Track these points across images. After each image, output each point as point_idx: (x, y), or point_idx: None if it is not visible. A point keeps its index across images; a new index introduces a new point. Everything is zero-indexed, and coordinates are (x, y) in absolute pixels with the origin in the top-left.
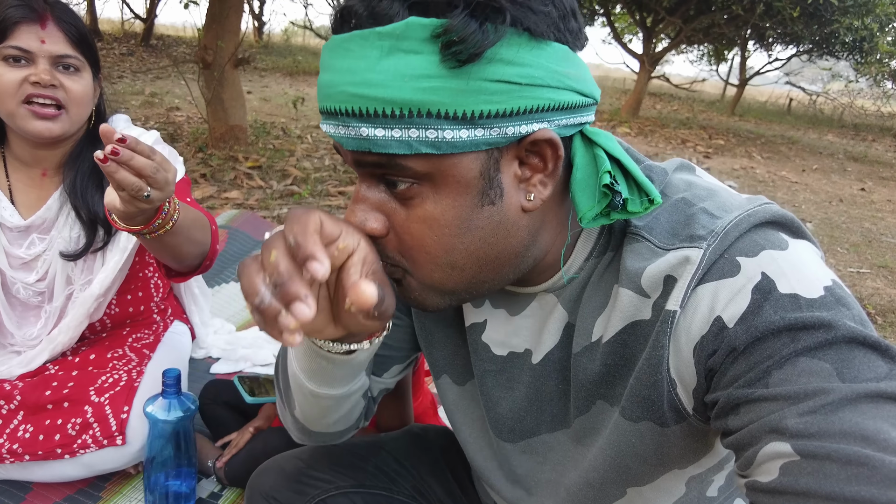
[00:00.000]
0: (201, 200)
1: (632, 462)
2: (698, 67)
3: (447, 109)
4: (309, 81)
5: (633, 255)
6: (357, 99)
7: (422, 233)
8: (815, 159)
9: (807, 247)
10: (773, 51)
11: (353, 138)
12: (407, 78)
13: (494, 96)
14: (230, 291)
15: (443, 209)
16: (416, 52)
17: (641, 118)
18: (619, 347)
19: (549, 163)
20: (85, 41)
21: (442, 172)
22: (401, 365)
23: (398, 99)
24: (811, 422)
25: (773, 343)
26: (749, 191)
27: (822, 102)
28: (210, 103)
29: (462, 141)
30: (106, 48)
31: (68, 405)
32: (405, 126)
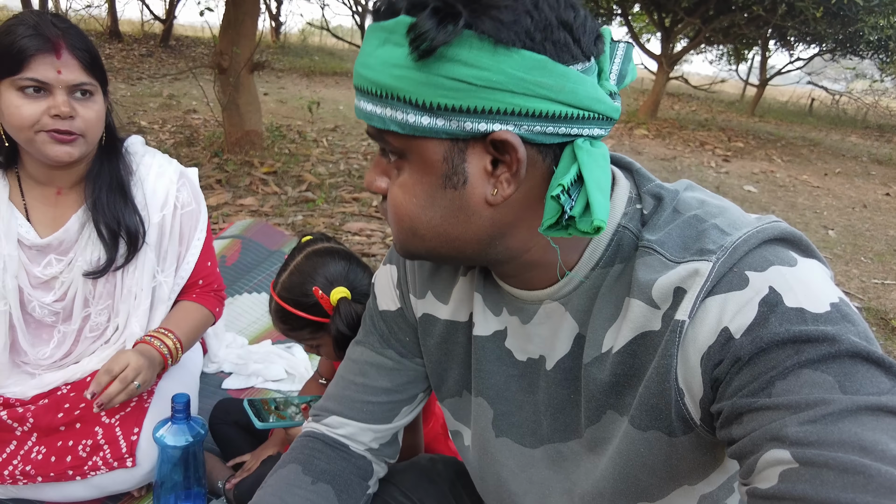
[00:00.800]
0: (216, 207)
1: (641, 473)
2: (717, 67)
3: (411, 97)
4: (325, 82)
5: (645, 267)
6: (359, 77)
7: (398, 196)
8: (837, 162)
9: (816, 265)
10: (794, 50)
11: (357, 108)
12: (387, 65)
13: (450, 92)
14: (243, 303)
15: (413, 182)
16: (399, 44)
17: (659, 119)
18: (628, 358)
19: (513, 164)
20: (97, 64)
21: (411, 150)
22: (410, 405)
23: (379, 81)
24: (811, 430)
25: (777, 354)
26: (769, 195)
27: (845, 102)
28: (226, 108)
29: (423, 126)
30: (126, 49)
31: (80, 426)
32: (383, 105)
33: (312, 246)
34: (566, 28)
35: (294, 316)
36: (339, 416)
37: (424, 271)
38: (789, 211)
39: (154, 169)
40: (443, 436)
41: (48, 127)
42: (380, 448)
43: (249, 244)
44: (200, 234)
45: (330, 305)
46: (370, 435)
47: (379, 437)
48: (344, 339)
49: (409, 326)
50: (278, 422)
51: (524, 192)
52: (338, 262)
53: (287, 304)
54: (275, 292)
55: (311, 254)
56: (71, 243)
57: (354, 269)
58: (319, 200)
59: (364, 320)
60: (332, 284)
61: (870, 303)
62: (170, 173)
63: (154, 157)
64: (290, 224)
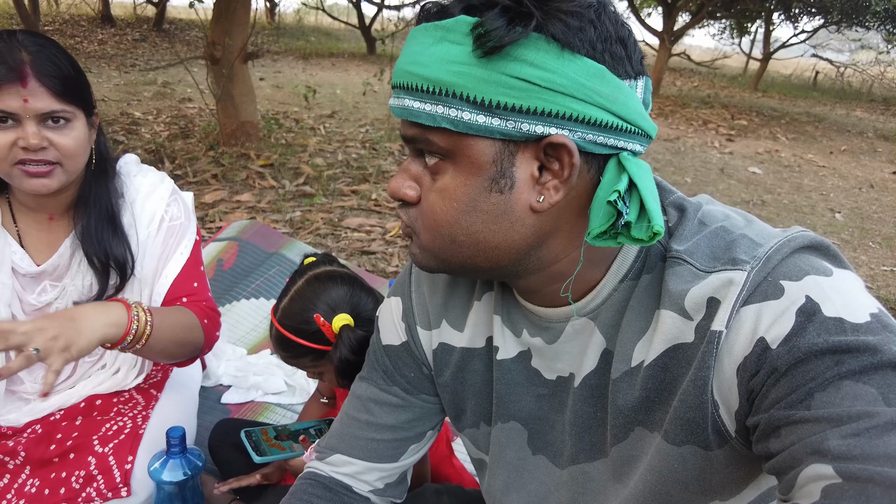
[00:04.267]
0: (213, 205)
1: (673, 489)
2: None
3: (469, 93)
4: (322, 64)
5: (676, 277)
6: (408, 75)
7: (436, 202)
8: (843, 139)
9: (851, 276)
10: (799, 22)
11: (398, 107)
12: (445, 62)
13: (512, 91)
14: (241, 310)
15: (456, 184)
16: (457, 42)
17: (661, 97)
18: (659, 371)
19: (565, 170)
20: (72, 90)
21: (460, 150)
22: (418, 444)
23: (434, 77)
24: (854, 444)
25: (816, 365)
26: (774, 177)
27: (850, 74)
28: (220, 100)
29: (477, 125)
30: (119, 34)
31: (73, 456)
32: (434, 102)
33: (314, 270)
34: (622, 43)
35: (295, 343)
36: (343, 455)
37: (437, 300)
38: (795, 193)
39: (144, 188)
40: (448, 457)
41: (19, 158)
42: (385, 488)
43: (247, 246)
44: (184, 250)
45: (332, 333)
46: (375, 474)
47: (385, 476)
48: (347, 367)
49: (415, 362)
50: (276, 454)
51: (567, 200)
52: (340, 286)
53: (288, 331)
54: (275, 318)
55: (313, 278)
56: (64, 269)
57: (357, 294)
58: (318, 198)
59: (368, 355)
60: (334, 311)
61: (879, 291)
62: (161, 191)
63: (146, 177)
64: (288, 221)
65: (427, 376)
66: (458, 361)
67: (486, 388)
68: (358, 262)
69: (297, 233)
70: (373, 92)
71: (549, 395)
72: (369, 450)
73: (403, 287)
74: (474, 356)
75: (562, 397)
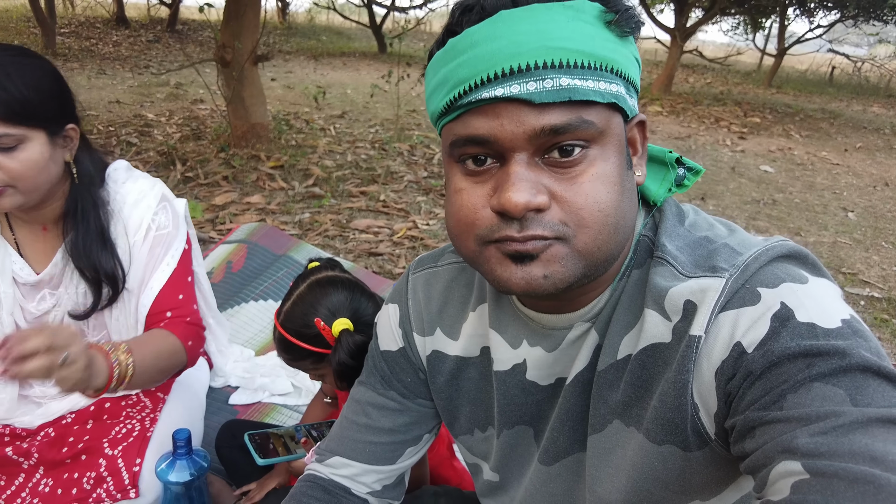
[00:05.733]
0: (223, 206)
1: (654, 487)
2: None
3: (622, 70)
4: (333, 64)
5: (658, 276)
6: (559, 51)
7: (596, 191)
8: (858, 136)
9: (826, 283)
10: (814, 17)
11: (549, 91)
12: (596, 38)
13: (633, 67)
14: (249, 312)
15: (612, 166)
16: (590, 24)
17: (674, 95)
18: (637, 368)
19: (639, 145)
20: (21, 112)
21: (610, 130)
22: (415, 447)
23: (593, 53)
24: (822, 442)
25: (788, 368)
26: (786, 175)
27: (867, 70)
28: (230, 102)
29: (622, 97)
30: (133, 36)
31: (85, 458)
32: (597, 78)
33: (316, 275)
34: None
35: (296, 346)
36: (342, 457)
37: (432, 307)
38: (807, 192)
39: (132, 196)
40: (448, 458)
41: None
42: (383, 490)
43: (255, 249)
44: (170, 261)
45: (332, 337)
46: (373, 476)
47: (383, 478)
48: (345, 370)
49: (412, 367)
50: (280, 456)
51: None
52: (341, 291)
53: (289, 334)
54: (278, 321)
55: (314, 283)
56: (59, 279)
57: (358, 299)
58: (326, 200)
59: (367, 360)
60: (334, 315)
61: (891, 292)
62: (149, 199)
63: (136, 183)
64: (298, 222)
65: (423, 381)
66: (452, 369)
67: (480, 396)
68: (365, 264)
69: (306, 234)
70: (382, 92)
71: (549, 398)
72: (367, 452)
73: (401, 294)
74: (469, 365)
75: (556, 397)
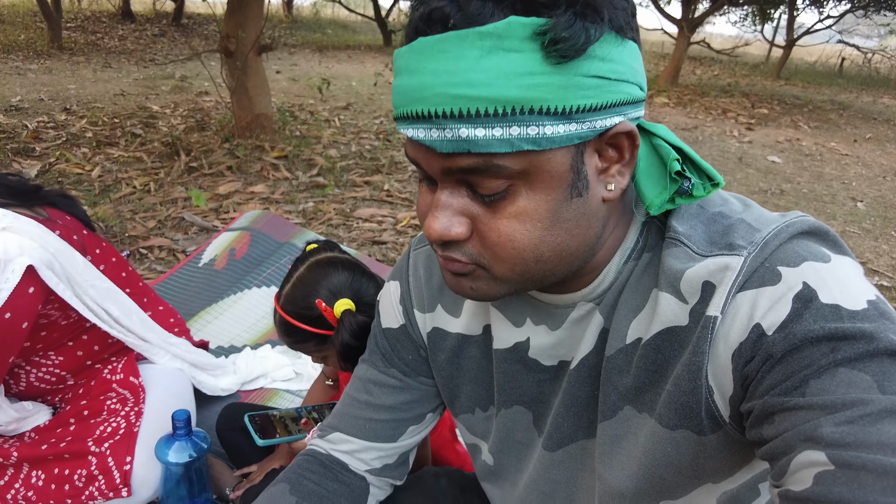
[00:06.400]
0: (227, 196)
1: (666, 472)
2: (741, 28)
3: (549, 105)
4: (338, 57)
5: (672, 259)
6: (458, 99)
7: (511, 229)
8: (868, 127)
9: (850, 262)
10: (824, 7)
11: (450, 140)
12: (510, 76)
13: (589, 91)
14: (252, 298)
15: (536, 204)
16: (517, 50)
17: (680, 86)
18: (652, 352)
19: (626, 153)
20: None
21: (537, 168)
22: (417, 426)
23: (502, 97)
24: (848, 432)
25: (811, 352)
26: (794, 166)
27: (877, 61)
28: (234, 92)
29: (560, 136)
30: (139, 30)
31: (69, 457)
32: (507, 124)
33: (316, 256)
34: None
35: (298, 329)
36: (342, 433)
37: (433, 284)
38: (815, 182)
39: None
40: (450, 441)
41: None
42: (383, 468)
43: (259, 236)
44: None
45: (334, 318)
46: (373, 454)
47: (383, 456)
48: (348, 351)
49: (413, 344)
50: (280, 437)
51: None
52: (341, 272)
53: (291, 316)
54: (278, 304)
55: (314, 265)
56: None
57: (359, 279)
58: (329, 189)
59: (369, 339)
60: (335, 296)
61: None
62: None
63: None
64: (301, 211)
65: (424, 359)
66: (453, 347)
67: (482, 375)
68: (369, 252)
69: (310, 223)
70: (386, 83)
71: (550, 380)
72: (368, 429)
73: (401, 271)
74: (471, 343)
75: (559, 380)
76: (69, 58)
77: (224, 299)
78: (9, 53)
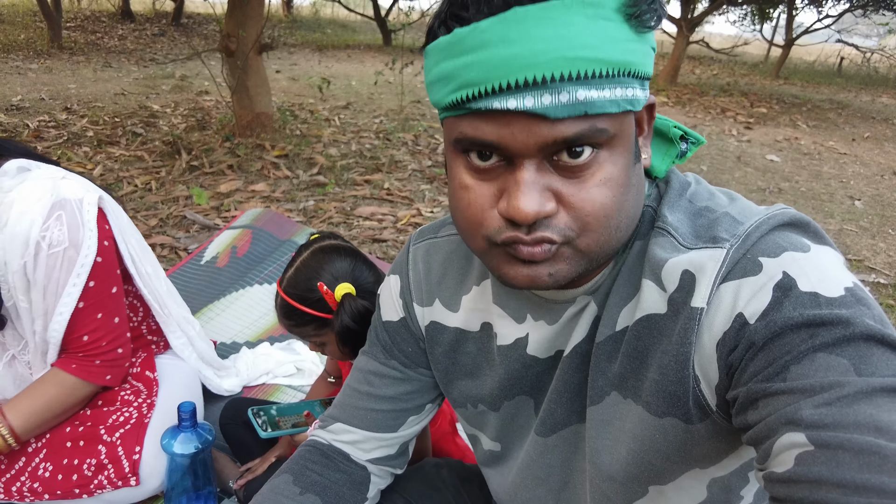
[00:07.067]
0: (228, 194)
1: (654, 458)
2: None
3: (639, 69)
4: (338, 56)
5: (658, 247)
6: (576, 62)
7: (603, 195)
8: (866, 126)
9: (829, 251)
10: (823, 7)
11: (565, 105)
12: (615, 40)
13: (649, 60)
14: (254, 295)
15: (619, 169)
16: (611, 20)
17: (679, 85)
18: (633, 339)
19: (646, 126)
20: None
21: (622, 133)
22: (417, 416)
23: (611, 59)
24: (826, 413)
25: (791, 338)
26: (793, 165)
27: (876, 60)
28: (235, 91)
29: (639, 100)
30: (138, 29)
31: (83, 444)
32: (615, 85)
33: (319, 243)
34: None
35: (299, 312)
36: (344, 423)
37: (432, 278)
38: (813, 181)
39: (17, 207)
40: (450, 433)
41: None
42: (384, 458)
43: (260, 234)
44: (77, 280)
45: (335, 301)
46: (374, 443)
47: (383, 445)
48: (348, 334)
49: (412, 337)
50: (282, 430)
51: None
52: (343, 259)
53: (293, 299)
54: (280, 288)
55: (318, 251)
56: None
57: (360, 267)
58: (330, 186)
59: (370, 332)
60: (336, 280)
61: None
62: (34, 212)
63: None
64: (302, 210)
65: (423, 351)
66: (451, 341)
67: (475, 372)
68: (369, 250)
69: (311, 221)
70: (387, 83)
71: (548, 370)
72: (369, 419)
73: (402, 265)
74: (468, 339)
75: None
76: (69, 57)
77: (226, 296)
78: (9, 53)
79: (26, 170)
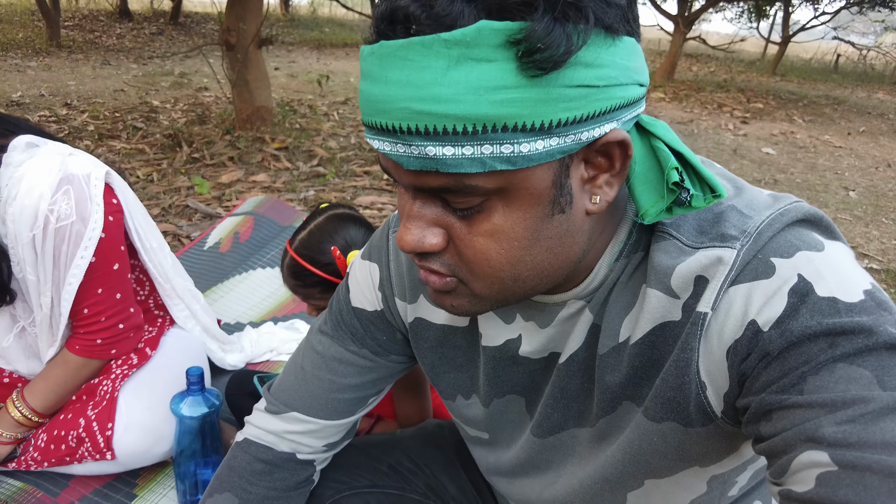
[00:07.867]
0: (229, 185)
1: (652, 458)
2: (737, 25)
3: (524, 122)
4: (336, 54)
5: (662, 253)
6: (423, 116)
7: (486, 246)
8: (862, 121)
9: (842, 248)
10: (819, 4)
11: (416, 158)
12: (481, 90)
13: (573, 102)
14: (256, 279)
15: (512, 222)
16: (488, 60)
17: (676, 82)
18: (646, 349)
19: (617, 162)
20: None
21: (514, 186)
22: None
23: (472, 114)
24: (850, 431)
25: (809, 348)
26: (788, 157)
27: (872, 57)
28: (235, 85)
29: (538, 153)
30: (136, 28)
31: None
32: (478, 143)
33: (335, 210)
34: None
35: (307, 272)
36: (301, 413)
37: (415, 272)
38: (808, 172)
39: (27, 181)
40: None
41: None
42: (337, 442)
43: (262, 220)
44: (85, 253)
45: (345, 267)
46: (331, 430)
47: (340, 430)
48: None
49: (390, 328)
50: None
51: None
52: (358, 227)
53: (303, 259)
54: (291, 248)
55: (334, 217)
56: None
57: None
58: (330, 175)
59: (332, 310)
60: (350, 247)
61: (889, 264)
62: (42, 187)
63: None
64: (302, 199)
65: (401, 340)
66: (438, 337)
67: (466, 364)
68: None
69: (312, 210)
70: None
71: (541, 370)
72: (329, 409)
73: (381, 253)
74: (456, 333)
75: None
76: (68, 55)
77: (229, 279)
78: (7, 51)
79: (35, 146)
